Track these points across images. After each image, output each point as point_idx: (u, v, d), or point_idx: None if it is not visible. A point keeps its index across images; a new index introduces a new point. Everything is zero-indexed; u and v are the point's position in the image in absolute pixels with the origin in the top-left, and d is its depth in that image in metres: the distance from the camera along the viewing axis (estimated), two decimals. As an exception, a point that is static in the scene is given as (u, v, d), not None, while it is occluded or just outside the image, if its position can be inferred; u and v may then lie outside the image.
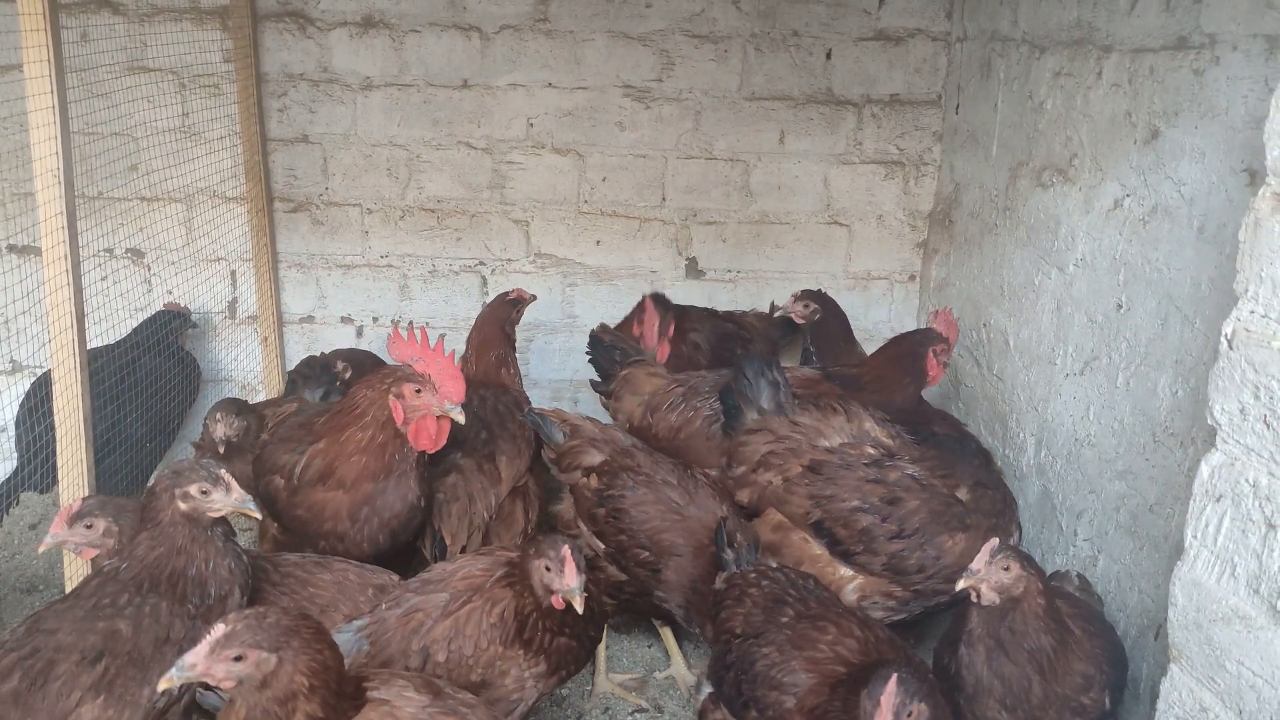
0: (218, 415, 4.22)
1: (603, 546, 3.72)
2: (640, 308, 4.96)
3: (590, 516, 3.77)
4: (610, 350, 4.62)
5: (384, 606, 3.01)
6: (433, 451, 3.51)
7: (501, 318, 4.48)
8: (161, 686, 2.29)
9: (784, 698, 2.82)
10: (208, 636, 2.25)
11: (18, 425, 4.51)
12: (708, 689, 3.17)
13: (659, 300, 4.94)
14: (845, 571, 3.58)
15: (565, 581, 2.80)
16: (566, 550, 2.82)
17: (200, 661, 2.23)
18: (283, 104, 5.17)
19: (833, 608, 3.10)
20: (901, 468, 3.61)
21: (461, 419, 3.44)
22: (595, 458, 3.84)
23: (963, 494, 3.62)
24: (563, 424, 3.93)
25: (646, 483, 3.71)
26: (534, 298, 4.64)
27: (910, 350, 4.36)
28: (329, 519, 3.48)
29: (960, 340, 4.89)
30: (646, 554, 3.63)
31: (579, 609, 2.80)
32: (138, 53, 4.95)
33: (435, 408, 3.43)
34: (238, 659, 2.23)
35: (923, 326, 4.65)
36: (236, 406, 4.31)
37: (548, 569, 2.83)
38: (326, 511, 3.48)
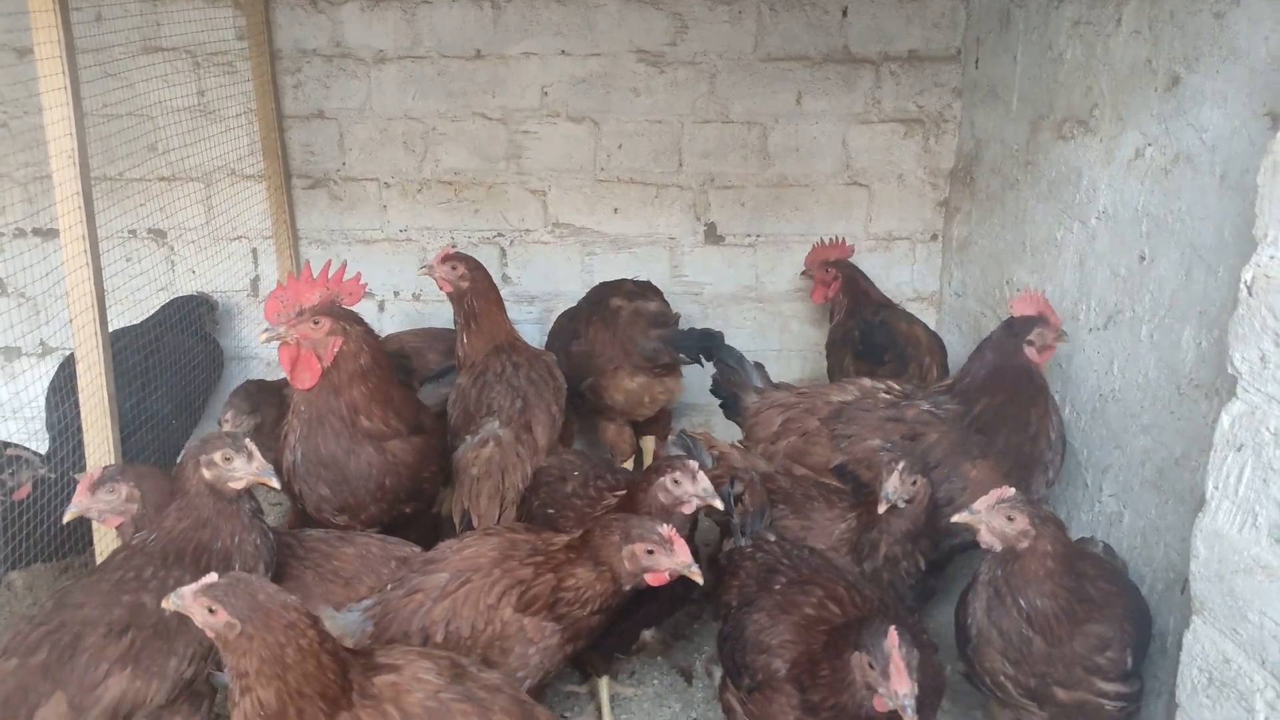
0: (227, 414, 4.18)
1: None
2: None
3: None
4: None
5: (389, 587, 3.01)
6: (303, 386, 3.52)
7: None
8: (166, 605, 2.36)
9: (772, 660, 2.79)
10: (203, 579, 2.35)
11: (46, 406, 4.57)
12: (719, 671, 3.17)
13: None
14: None
15: (680, 559, 2.79)
16: (672, 531, 2.83)
17: (188, 596, 2.32)
18: (297, 80, 5.17)
19: (823, 572, 3.07)
20: (918, 404, 3.67)
21: (262, 338, 3.48)
22: (739, 489, 3.59)
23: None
24: (711, 449, 3.70)
25: (795, 513, 3.57)
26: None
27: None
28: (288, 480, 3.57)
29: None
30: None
31: (700, 580, 2.85)
32: (151, 32, 4.97)
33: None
34: (211, 611, 2.30)
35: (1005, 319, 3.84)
36: (250, 403, 4.22)
37: (650, 551, 2.80)
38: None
